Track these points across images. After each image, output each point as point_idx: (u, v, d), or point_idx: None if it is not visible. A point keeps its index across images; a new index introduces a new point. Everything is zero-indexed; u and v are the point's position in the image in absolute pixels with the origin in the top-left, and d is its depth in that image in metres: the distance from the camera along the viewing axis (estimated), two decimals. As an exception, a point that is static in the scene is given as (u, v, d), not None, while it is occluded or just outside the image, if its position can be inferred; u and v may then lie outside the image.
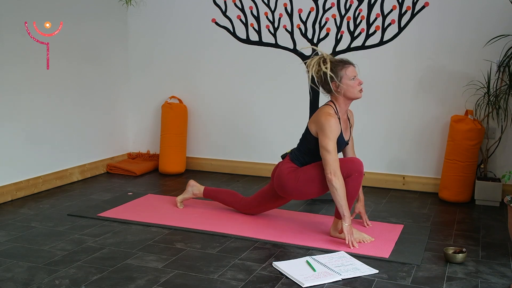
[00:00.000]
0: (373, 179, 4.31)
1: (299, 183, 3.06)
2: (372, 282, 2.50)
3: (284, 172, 3.11)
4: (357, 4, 3.98)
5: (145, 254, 2.79)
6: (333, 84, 3.00)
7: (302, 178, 3.06)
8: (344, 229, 2.90)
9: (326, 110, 3.01)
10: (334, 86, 3.01)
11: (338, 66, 3.01)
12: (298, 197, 3.18)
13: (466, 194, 3.88)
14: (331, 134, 2.93)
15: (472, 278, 2.58)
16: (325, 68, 2.99)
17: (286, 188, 3.11)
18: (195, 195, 3.59)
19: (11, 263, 2.65)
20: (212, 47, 4.63)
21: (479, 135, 3.82)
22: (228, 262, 2.70)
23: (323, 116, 2.97)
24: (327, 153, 2.91)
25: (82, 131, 4.42)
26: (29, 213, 3.47)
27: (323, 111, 3.02)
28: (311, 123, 3.07)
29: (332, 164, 2.90)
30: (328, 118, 2.95)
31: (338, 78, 2.99)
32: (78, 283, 2.43)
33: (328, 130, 2.93)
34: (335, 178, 2.88)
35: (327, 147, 2.91)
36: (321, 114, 2.99)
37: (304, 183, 3.06)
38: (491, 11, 3.86)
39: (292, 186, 3.08)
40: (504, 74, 3.84)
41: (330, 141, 2.92)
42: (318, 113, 3.04)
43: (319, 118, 2.99)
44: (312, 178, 3.04)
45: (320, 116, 2.99)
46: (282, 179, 3.11)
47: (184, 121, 4.70)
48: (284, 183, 3.10)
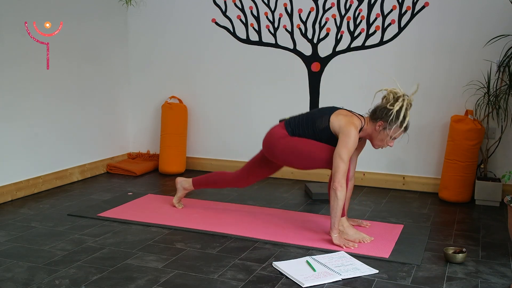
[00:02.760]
0: (373, 179, 4.32)
1: (286, 151, 3.08)
2: (372, 282, 2.50)
3: (276, 136, 3.13)
4: (357, 4, 3.98)
5: (145, 254, 2.79)
6: (382, 123, 2.94)
7: (291, 146, 3.07)
8: (335, 241, 2.92)
9: (354, 121, 2.97)
10: (379, 125, 2.95)
11: (400, 122, 2.93)
12: (282, 162, 3.18)
13: (466, 194, 3.88)
14: (351, 145, 2.91)
15: (472, 278, 2.58)
16: (400, 110, 2.89)
17: (273, 150, 3.13)
18: (187, 189, 3.58)
19: (11, 263, 2.65)
20: (212, 47, 4.63)
21: (479, 135, 3.82)
22: (228, 262, 2.70)
23: (350, 124, 2.93)
24: (341, 162, 2.88)
25: (82, 131, 4.42)
26: (29, 213, 3.47)
27: (352, 120, 2.97)
28: (336, 120, 2.99)
29: (342, 173, 2.89)
30: (353, 129, 2.92)
31: (389, 126, 2.93)
32: (78, 283, 2.43)
33: (350, 140, 2.90)
34: (341, 188, 2.89)
35: (342, 156, 2.88)
36: (349, 122, 2.95)
37: (292, 151, 3.07)
38: (491, 11, 3.86)
39: (279, 150, 3.10)
40: (504, 74, 3.84)
41: (347, 151, 2.89)
42: (346, 118, 2.98)
43: (346, 124, 2.94)
44: (300, 151, 3.05)
45: (347, 123, 2.94)
46: (272, 141, 3.13)
47: (184, 121, 4.70)
48: (273, 145, 3.12)
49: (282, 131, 3.14)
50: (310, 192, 3.98)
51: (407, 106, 2.91)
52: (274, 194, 4.07)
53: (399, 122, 2.91)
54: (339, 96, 4.33)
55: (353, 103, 4.30)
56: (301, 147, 3.06)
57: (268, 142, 3.17)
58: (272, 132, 3.18)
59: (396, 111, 2.89)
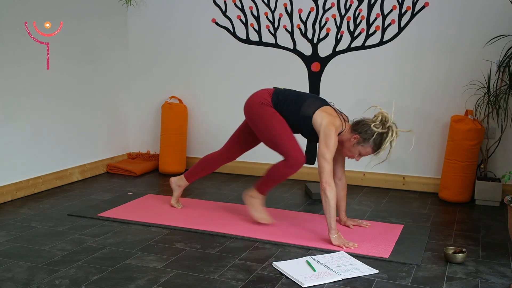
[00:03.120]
0: (373, 179, 4.32)
1: (259, 118, 3.12)
2: (372, 282, 2.50)
3: (258, 99, 3.15)
4: (357, 4, 3.98)
5: (145, 254, 2.79)
6: (358, 137, 2.96)
7: (265, 117, 3.10)
8: (334, 242, 2.91)
9: (336, 122, 2.98)
10: (355, 138, 2.97)
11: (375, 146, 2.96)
12: (251, 124, 3.21)
13: (466, 194, 3.88)
14: (332, 145, 2.93)
15: (472, 278, 2.58)
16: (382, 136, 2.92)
17: (249, 110, 3.17)
18: (182, 186, 3.58)
19: (11, 263, 2.65)
20: (212, 47, 4.63)
21: (479, 135, 3.82)
22: (228, 262, 2.70)
23: (331, 125, 2.95)
24: (325, 162, 2.91)
25: (82, 131, 4.42)
26: (29, 213, 3.47)
27: (334, 121, 2.98)
28: (319, 116, 3.00)
29: (328, 173, 2.90)
30: (333, 130, 2.94)
31: (363, 144, 2.96)
32: (78, 283, 2.43)
33: (330, 140, 2.92)
34: (329, 188, 2.89)
35: (325, 156, 2.91)
36: (331, 123, 2.96)
37: (262, 121, 3.11)
38: (491, 11, 3.86)
39: (254, 113, 3.14)
40: (504, 74, 3.84)
41: (329, 151, 2.92)
42: (330, 117, 2.99)
43: (327, 124, 2.95)
44: (269, 128, 3.09)
45: (329, 123, 2.95)
46: (253, 103, 3.16)
47: (184, 121, 4.70)
48: (252, 105, 3.16)
49: (267, 98, 3.15)
50: (310, 192, 3.98)
51: (391, 139, 2.92)
52: (274, 194, 4.07)
53: (374, 146, 2.96)
54: (339, 96, 4.33)
55: (353, 103, 4.31)
56: (271, 124, 3.09)
57: (250, 101, 3.20)
58: (258, 94, 3.20)
59: (376, 134, 2.92)
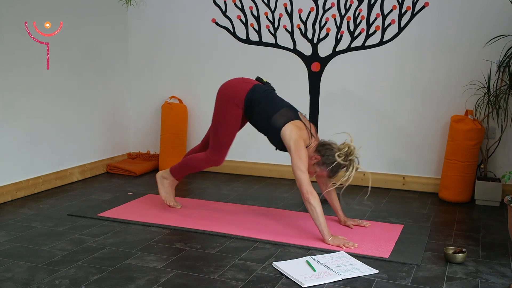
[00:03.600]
0: (373, 179, 4.30)
1: (219, 112, 3.20)
2: (372, 282, 2.50)
3: (232, 96, 3.18)
4: (357, 4, 3.98)
5: (145, 254, 2.79)
6: (319, 159, 3.03)
7: (224, 114, 3.18)
8: (332, 243, 2.92)
9: (304, 136, 3.07)
10: (316, 158, 3.05)
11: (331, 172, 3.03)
12: (214, 109, 3.27)
13: (466, 194, 3.88)
14: (304, 156, 2.99)
15: (472, 278, 2.58)
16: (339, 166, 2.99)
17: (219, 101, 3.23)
18: (172, 184, 3.56)
19: (11, 263, 2.65)
20: (212, 47, 4.63)
21: (479, 135, 3.82)
22: (228, 262, 2.70)
23: (300, 139, 3.03)
24: (301, 173, 2.96)
25: (82, 131, 4.42)
26: (29, 213, 3.47)
27: (302, 134, 3.06)
28: (288, 129, 3.05)
29: (307, 182, 2.95)
30: (302, 143, 3.03)
31: (321, 167, 3.04)
32: (78, 283, 2.43)
33: (301, 152, 2.99)
34: (312, 196, 2.92)
35: (301, 168, 2.97)
36: (300, 137, 3.03)
37: (219, 117, 3.20)
38: (491, 11, 3.86)
39: (219, 105, 3.21)
40: (504, 74, 3.84)
41: (303, 162, 2.98)
42: (300, 132, 3.06)
43: (297, 139, 3.02)
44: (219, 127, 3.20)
45: (298, 137, 3.03)
46: (226, 97, 3.20)
47: (184, 121, 4.70)
48: (222, 99, 3.21)
49: (241, 95, 3.16)
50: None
51: (349, 172, 2.98)
52: (274, 194, 4.07)
53: (331, 172, 3.04)
54: (339, 96, 4.33)
55: (353, 103, 4.31)
56: (224, 125, 3.18)
57: (226, 91, 3.24)
58: (234, 88, 3.22)
59: (336, 163, 2.98)
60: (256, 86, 3.23)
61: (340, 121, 4.34)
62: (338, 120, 4.34)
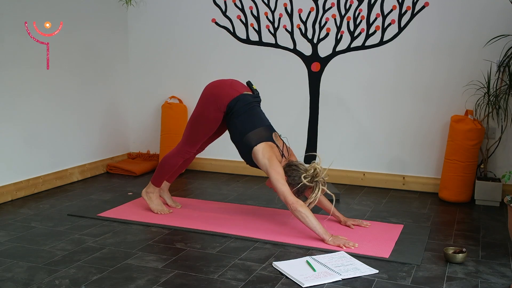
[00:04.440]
0: (373, 179, 4.31)
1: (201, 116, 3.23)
2: (372, 282, 2.50)
3: (216, 99, 3.19)
4: (357, 4, 3.98)
5: (145, 254, 2.78)
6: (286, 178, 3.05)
7: (205, 118, 3.22)
8: (332, 243, 2.92)
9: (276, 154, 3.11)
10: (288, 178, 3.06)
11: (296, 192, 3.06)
12: (197, 106, 3.31)
13: (466, 194, 3.88)
14: (280, 170, 3.03)
15: (472, 278, 2.58)
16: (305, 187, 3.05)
17: (202, 101, 3.26)
18: (159, 193, 3.55)
19: (11, 263, 2.65)
20: (212, 47, 4.63)
21: (479, 135, 3.82)
22: (228, 262, 2.70)
23: (273, 157, 3.07)
24: (282, 185, 2.99)
25: (82, 131, 4.42)
26: (29, 213, 3.47)
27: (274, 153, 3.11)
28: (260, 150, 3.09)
29: (290, 194, 2.97)
30: (275, 160, 3.07)
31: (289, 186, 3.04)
32: (78, 283, 2.43)
33: (277, 167, 3.03)
34: (299, 205, 2.94)
35: (280, 181, 3.00)
36: (272, 156, 3.08)
37: (200, 120, 3.24)
38: (491, 11, 3.86)
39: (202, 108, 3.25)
40: (504, 74, 3.84)
41: (281, 176, 3.01)
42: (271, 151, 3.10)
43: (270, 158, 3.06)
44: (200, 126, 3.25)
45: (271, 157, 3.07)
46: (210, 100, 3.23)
47: (184, 121, 4.69)
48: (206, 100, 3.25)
49: (225, 101, 3.17)
50: (310, 192, 3.97)
51: (314, 194, 3.01)
52: (274, 194, 4.04)
53: (296, 192, 3.05)
54: (339, 96, 4.33)
55: (353, 103, 4.31)
56: (202, 124, 3.23)
57: (211, 93, 3.26)
58: (220, 93, 3.22)
59: (302, 184, 3.03)
60: (241, 96, 3.19)
61: (339, 121, 4.34)
62: (338, 120, 4.34)
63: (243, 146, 3.18)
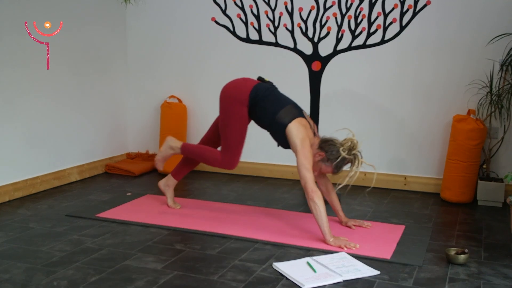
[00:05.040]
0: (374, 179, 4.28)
1: (228, 114, 3.18)
2: (373, 283, 2.48)
3: (235, 95, 3.18)
4: (358, 2, 3.95)
5: (144, 255, 2.76)
6: (324, 155, 3.04)
7: (234, 118, 3.17)
8: (333, 244, 2.90)
9: (310, 135, 3.09)
10: (320, 155, 3.05)
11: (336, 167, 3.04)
12: (220, 112, 3.26)
13: (468, 195, 3.85)
14: (308, 155, 3.00)
15: (474, 279, 2.56)
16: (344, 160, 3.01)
17: (223, 102, 3.22)
18: (170, 186, 3.59)
19: (8, 264, 2.63)
20: (211, 46, 4.61)
21: (481, 135, 3.79)
22: (228, 263, 2.68)
23: (306, 138, 3.04)
24: (307, 171, 2.95)
25: (81, 131, 4.40)
26: (27, 213, 3.45)
27: (308, 133, 3.09)
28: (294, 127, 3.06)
29: (312, 181, 2.95)
30: (308, 141, 3.04)
31: (326, 163, 3.05)
32: (76, 284, 2.41)
33: (306, 150, 3.00)
34: (317, 195, 2.92)
35: (307, 166, 2.97)
36: (306, 136, 3.05)
37: (230, 122, 3.18)
38: (493, 9, 3.84)
39: (225, 109, 3.20)
40: (507, 73, 3.81)
41: (308, 161, 2.98)
42: (305, 131, 3.07)
43: (303, 138, 3.03)
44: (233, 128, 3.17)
45: (304, 136, 3.04)
46: (229, 98, 3.20)
47: (183, 121, 4.68)
48: (226, 100, 3.21)
49: (245, 93, 3.17)
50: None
51: (354, 166, 3.00)
52: (274, 194, 4.05)
53: (335, 168, 3.04)
54: (340, 95, 4.31)
55: (354, 102, 4.29)
56: (234, 125, 3.17)
57: (228, 91, 3.24)
58: (238, 86, 3.23)
59: (341, 158, 3.00)
60: (259, 84, 3.24)
61: (340, 120, 4.31)
62: (339, 119, 4.31)
63: (276, 127, 3.13)
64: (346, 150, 2.99)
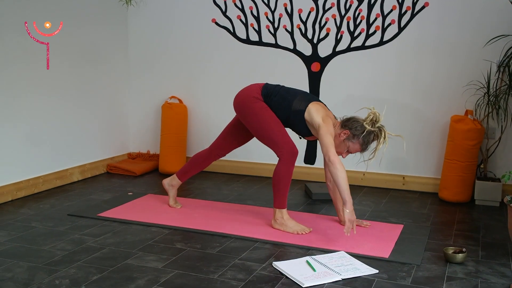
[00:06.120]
0: (373, 179, 4.31)
1: (252, 113, 3.16)
2: (372, 282, 2.50)
3: (248, 94, 3.20)
4: (357, 4, 3.98)
5: (145, 254, 2.78)
6: (348, 133, 3.02)
7: (258, 112, 3.14)
8: (346, 216, 2.88)
9: (330, 115, 3.10)
10: (345, 133, 3.03)
11: (363, 142, 3.02)
12: (243, 120, 3.25)
13: (466, 194, 3.88)
14: (332, 130, 3.01)
15: (472, 278, 2.58)
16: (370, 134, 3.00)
17: (240, 106, 3.22)
18: (174, 186, 3.60)
19: (11, 263, 2.65)
20: (212, 47, 4.63)
21: (479, 135, 3.82)
22: (228, 262, 2.70)
23: (327, 117, 3.05)
24: (329, 139, 2.94)
25: (82, 131, 4.42)
26: (29, 213, 3.47)
27: (329, 114, 3.10)
28: (314, 109, 3.06)
29: (333, 147, 2.93)
30: (330, 120, 3.05)
31: (352, 140, 3.02)
32: (78, 283, 2.43)
33: (330, 127, 3.00)
34: (338, 160, 2.90)
35: (329, 135, 2.96)
36: (327, 115, 3.05)
37: (255, 116, 3.15)
38: (491, 11, 3.86)
39: (246, 110, 3.19)
40: (504, 74, 3.84)
41: (331, 134, 2.98)
42: (324, 112, 3.07)
43: (324, 117, 3.03)
44: (261, 122, 3.13)
45: (326, 116, 3.04)
46: (244, 99, 3.21)
47: (184, 121, 4.70)
48: (243, 102, 3.20)
49: (257, 91, 3.19)
50: (310, 192, 3.98)
51: (380, 138, 2.99)
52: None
53: (363, 143, 3.01)
54: (339, 96, 4.33)
55: (352, 103, 4.31)
56: (262, 119, 3.14)
57: (241, 95, 3.24)
58: (248, 88, 3.25)
59: (366, 132, 2.97)
60: (266, 84, 3.28)
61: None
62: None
63: (294, 115, 3.12)
64: (370, 124, 2.98)
